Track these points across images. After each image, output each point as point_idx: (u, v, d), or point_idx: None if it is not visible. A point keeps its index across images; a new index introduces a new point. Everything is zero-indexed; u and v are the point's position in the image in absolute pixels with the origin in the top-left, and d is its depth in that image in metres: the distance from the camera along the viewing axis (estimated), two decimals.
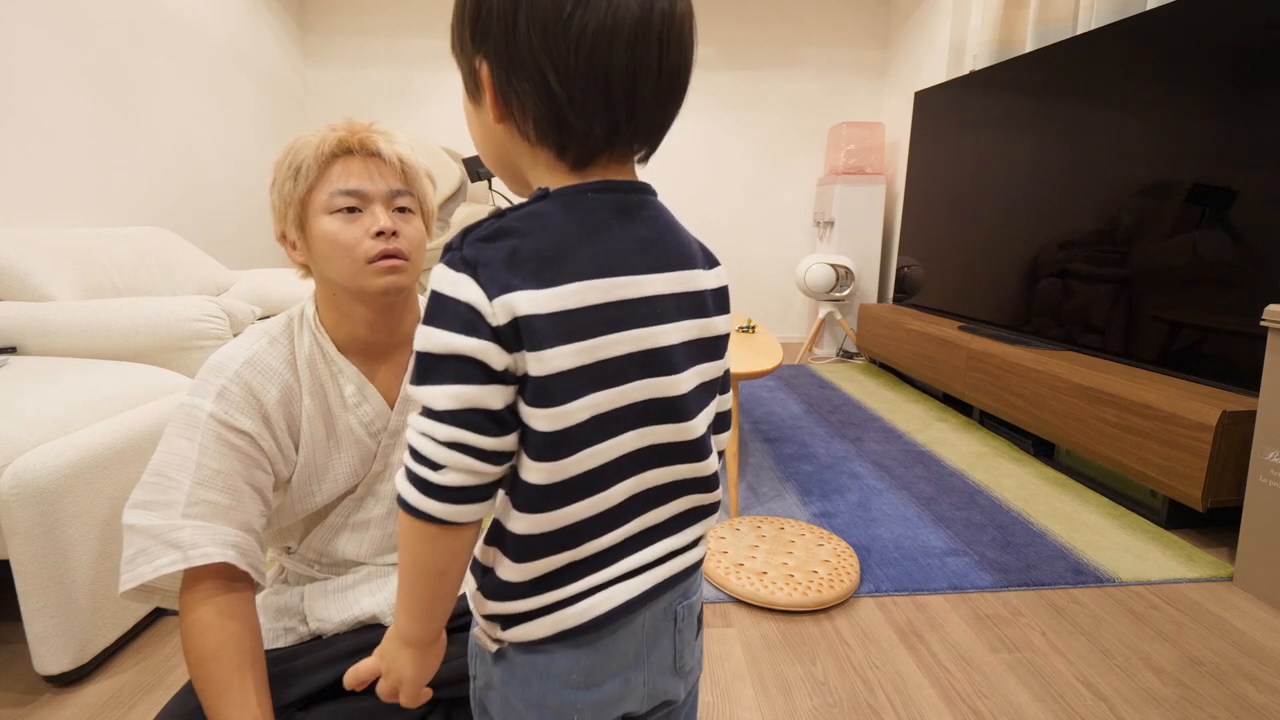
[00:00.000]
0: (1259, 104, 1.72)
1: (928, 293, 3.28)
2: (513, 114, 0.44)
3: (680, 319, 0.47)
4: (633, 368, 0.45)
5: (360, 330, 0.82)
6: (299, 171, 0.76)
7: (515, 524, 0.45)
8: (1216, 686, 1.16)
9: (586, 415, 0.43)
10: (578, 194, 0.44)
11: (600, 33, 0.40)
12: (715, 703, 1.12)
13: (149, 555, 0.70)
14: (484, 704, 0.53)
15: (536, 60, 0.41)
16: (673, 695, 0.55)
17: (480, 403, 0.41)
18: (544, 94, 0.42)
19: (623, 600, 0.48)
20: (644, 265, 0.45)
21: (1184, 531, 1.73)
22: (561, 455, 0.43)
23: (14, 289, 1.69)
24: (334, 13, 3.93)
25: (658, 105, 0.45)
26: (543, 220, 0.43)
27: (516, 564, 0.45)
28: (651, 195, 0.48)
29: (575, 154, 0.44)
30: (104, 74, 2.42)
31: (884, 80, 4.12)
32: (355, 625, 0.82)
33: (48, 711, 1.06)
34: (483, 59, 0.43)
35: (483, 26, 0.42)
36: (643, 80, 0.42)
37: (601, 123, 0.43)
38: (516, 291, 0.40)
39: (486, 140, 0.48)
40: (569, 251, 0.42)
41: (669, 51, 0.43)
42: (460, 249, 0.42)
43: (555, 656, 0.48)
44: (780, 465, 2.16)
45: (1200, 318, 1.87)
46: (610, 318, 0.43)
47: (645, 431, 0.46)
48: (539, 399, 0.42)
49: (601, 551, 0.47)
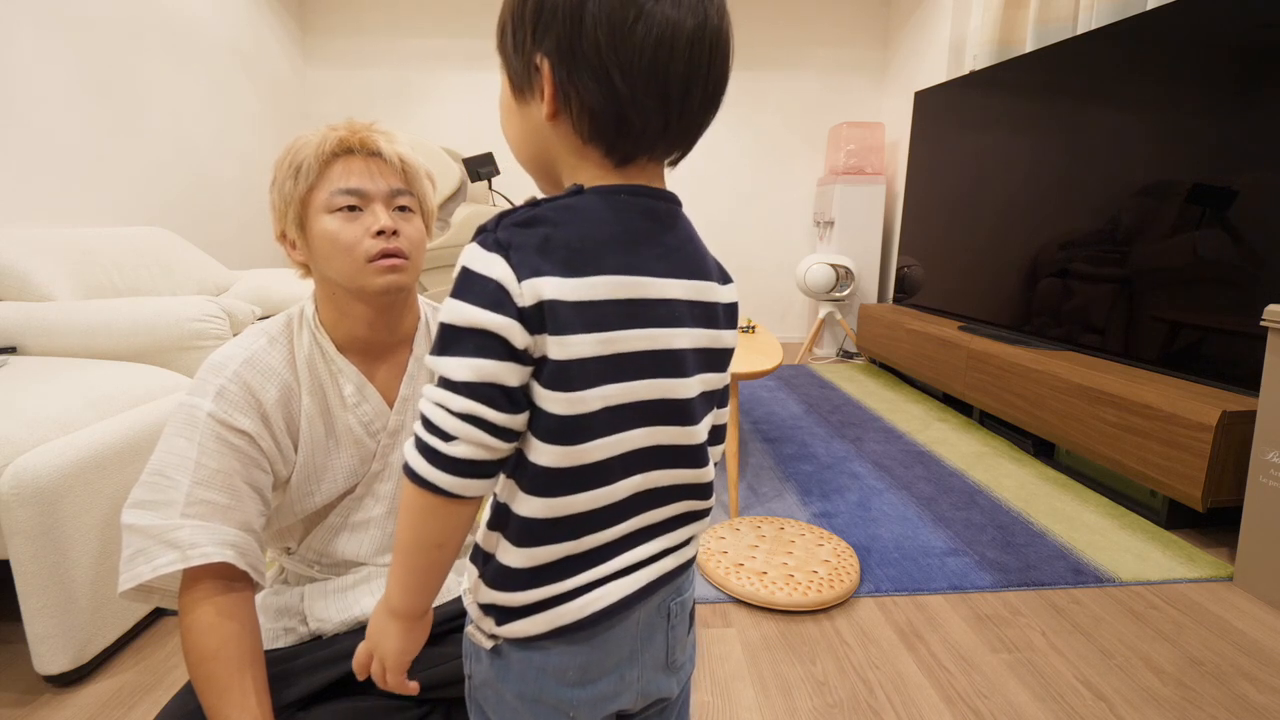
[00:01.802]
0: (1259, 104, 1.72)
1: (928, 293, 3.28)
2: (569, 110, 0.45)
3: (693, 326, 0.49)
4: (646, 365, 0.46)
5: (360, 329, 0.82)
6: (299, 170, 0.76)
7: (521, 506, 0.45)
8: (1216, 686, 1.16)
9: (599, 405, 0.44)
10: (613, 194, 0.46)
11: (661, 42, 0.43)
12: (715, 703, 1.12)
13: (148, 555, 0.70)
14: (479, 703, 0.53)
15: (602, 58, 0.43)
16: (665, 693, 0.55)
17: (498, 378, 0.42)
18: (607, 91, 0.43)
19: (619, 597, 0.49)
20: (664, 269, 0.47)
21: (1184, 531, 1.73)
22: (575, 441, 0.44)
23: (14, 289, 1.69)
24: (334, 13, 3.93)
25: (702, 110, 0.47)
26: (576, 213, 0.45)
27: (518, 548, 0.46)
28: (678, 206, 0.50)
29: (623, 151, 0.46)
30: (104, 74, 2.42)
31: (884, 80, 4.12)
32: (355, 625, 0.82)
33: (48, 711, 1.06)
34: (543, 56, 0.45)
35: (545, 25, 0.44)
36: (694, 86, 0.45)
37: (656, 122, 0.45)
38: (545, 277, 0.42)
39: (528, 136, 0.49)
40: (597, 246, 0.44)
41: (715, 61, 0.46)
42: (495, 231, 0.43)
43: (551, 653, 0.48)
44: (780, 465, 2.16)
45: (1200, 318, 1.87)
46: (629, 313, 0.45)
47: (653, 430, 0.48)
48: (556, 383, 0.43)
49: (599, 547, 0.48)
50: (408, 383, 0.86)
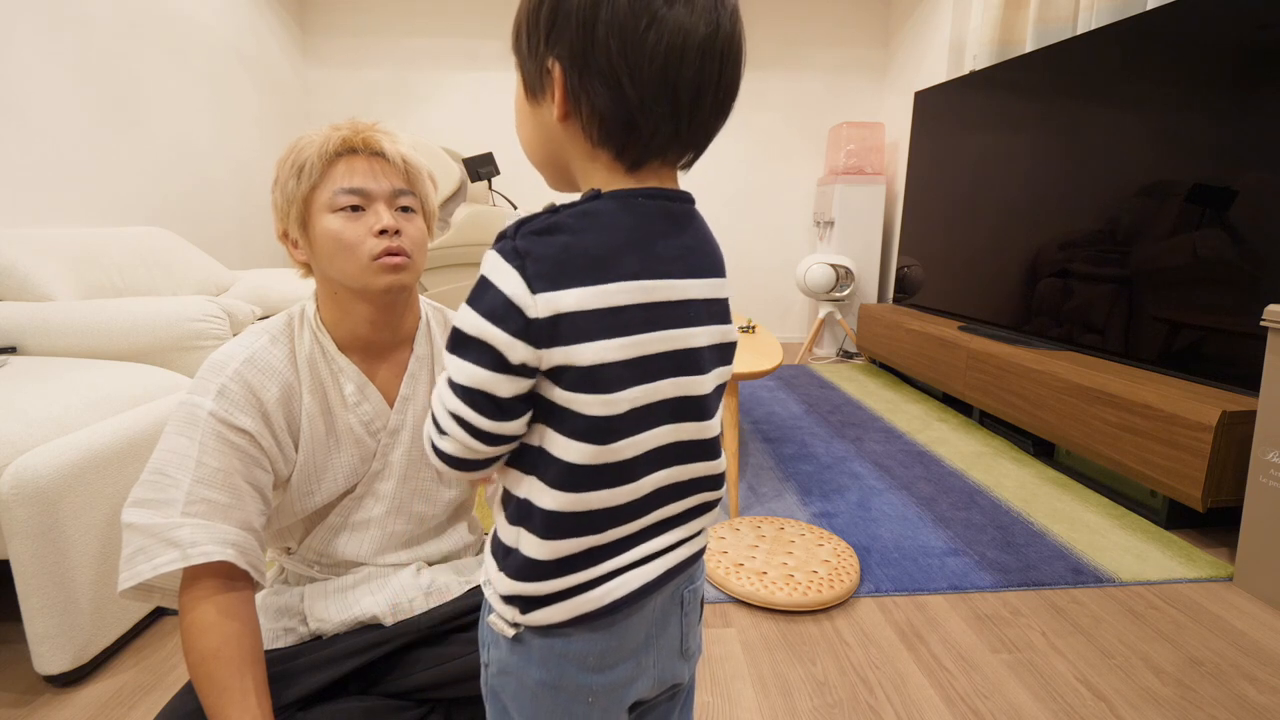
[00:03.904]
0: (1259, 104, 1.72)
1: (928, 293, 3.28)
2: (579, 113, 0.46)
3: (710, 323, 0.50)
4: (668, 366, 0.47)
5: (361, 329, 0.82)
6: (302, 170, 0.76)
7: (545, 500, 0.46)
8: (1216, 686, 1.16)
9: (628, 407, 0.46)
10: (629, 198, 0.47)
11: (672, 48, 0.43)
12: (715, 703, 1.12)
13: (148, 554, 0.70)
14: (496, 691, 0.53)
15: (612, 64, 0.43)
16: (679, 678, 0.57)
17: (488, 388, 0.44)
18: (617, 96, 0.44)
19: (637, 585, 0.50)
20: (683, 270, 0.48)
21: (1184, 531, 1.73)
22: (604, 440, 0.45)
23: (14, 289, 1.69)
24: (334, 13, 3.93)
25: (713, 116, 0.48)
26: (596, 220, 0.45)
27: (544, 541, 0.47)
28: (693, 205, 0.51)
29: (634, 155, 0.46)
30: (104, 74, 2.42)
31: (884, 80, 4.12)
32: (355, 625, 0.82)
33: (48, 711, 1.06)
34: (555, 60, 0.45)
35: (559, 29, 0.44)
36: (705, 92, 0.45)
37: (666, 127, 0.45)
38: (564, 290, 0.42)
39: (540, 138, 0.50)
40: (617, 252, 0.45)
41: (727, 68, 0.46)
42: (514, 238, 0.43)
43: (573, 640, 0.49)
44: (780, 465, 2.16)
45: (1200, 318, 1.87)
46: (650, 317, 0.46)
47: (676, 428, 0.49)
48: (585, 386, 0.44)
49: (621, 539, 0.49)
50: (408, 382, 0.86)
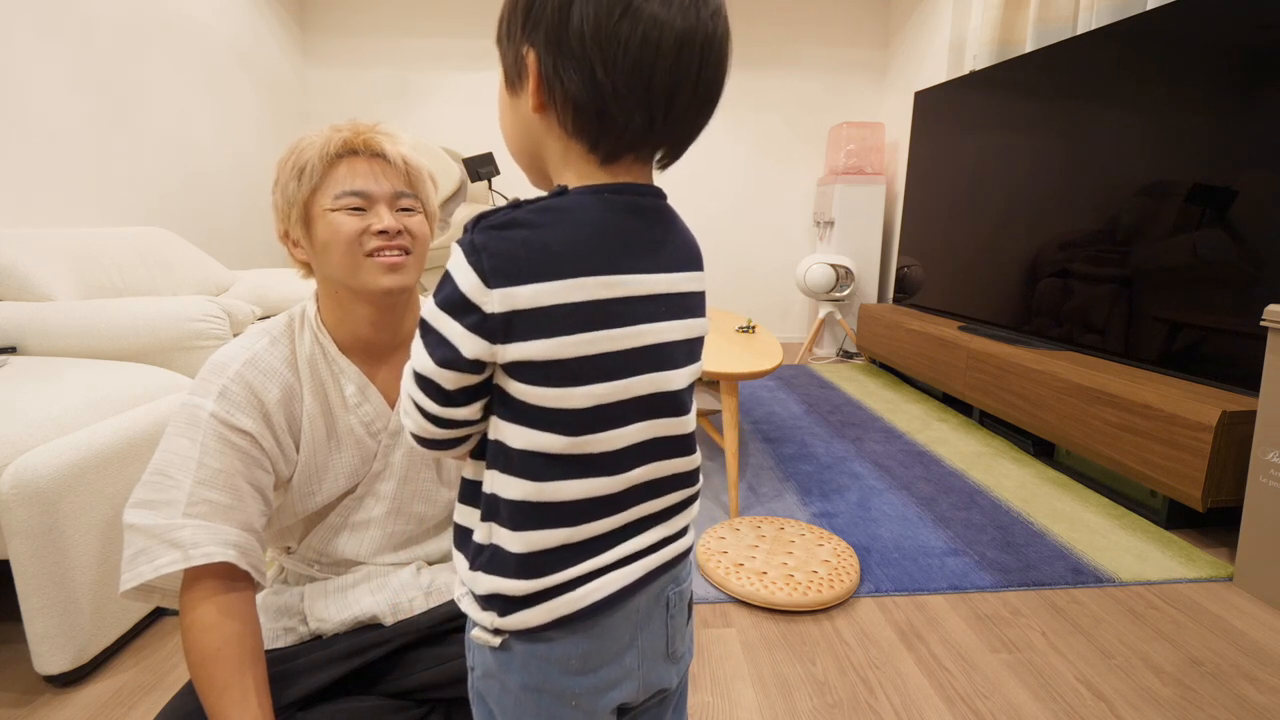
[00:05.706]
0: (1259, 104, 1.72)
1: (927, 293, 3.28)
2: (554, 102, 0.45)
3: (682, 318, 0.50)
4: (639, 361, 0.47)
5: (362, 329, 0.82)
6: (303, 172, 0.76)
7: (509, 490, 0.47)
8: (1216, 686, 1.16)
9: (591, 403, 0.46)
10: (595, 194, 0.46)
11: (647, 40, 0.43)
12: (715, 703, 1.12)
13: (150, 554, 0.70)
14: (482, 694, 0.53)
15: (585, 50, 0.43)
16: (666, 683, 0.56)
17: (436, 377, 0.45)
18: (589, 84, 0.43)
19: (618, 587, 0.49)
20: (652, 265, 0.48)
21: (1184, 531, 1.73)
22: (572, 433, 0.46)
23: (14, 289, 1.68)
24: (334, 13, 3.93)
25: (693, 112, 0.47)
26: (557, 215, 0.45)
27: (515, 532, 0.47)
28: (664, 199, 0.50)
29: (607, 148, 0.46)
30: (104, 74, 2.42)
31: (884, 80, 4.12)
32: (355, 625, 0.82)
33: (48, 711, 1.06)
34: (530, 47, 0.45)
35: (535, 16, 0.44)
36: (682, 87, 0.45)
37: (640, 119, 0.45)
38: (520, 285, 0.43)
39: (518, 131, 0.50)
40: (577, 247, 0.44)
41: (707, 65, 0.46)
42: (472, 233, 0.44)
43: (555, 643, 0.49)
44: (780, 465, 2.16)
45: (1200, 318, 1.87)
46: (615, 312, 0.46)
47: (650, 424, 0.49)
48: (542, 381, 0.45)
49: (598, 536, 0.49)
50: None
